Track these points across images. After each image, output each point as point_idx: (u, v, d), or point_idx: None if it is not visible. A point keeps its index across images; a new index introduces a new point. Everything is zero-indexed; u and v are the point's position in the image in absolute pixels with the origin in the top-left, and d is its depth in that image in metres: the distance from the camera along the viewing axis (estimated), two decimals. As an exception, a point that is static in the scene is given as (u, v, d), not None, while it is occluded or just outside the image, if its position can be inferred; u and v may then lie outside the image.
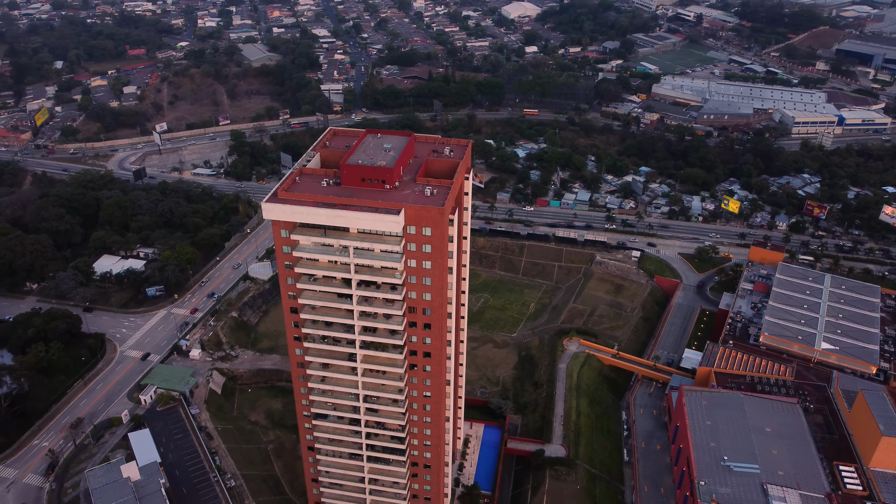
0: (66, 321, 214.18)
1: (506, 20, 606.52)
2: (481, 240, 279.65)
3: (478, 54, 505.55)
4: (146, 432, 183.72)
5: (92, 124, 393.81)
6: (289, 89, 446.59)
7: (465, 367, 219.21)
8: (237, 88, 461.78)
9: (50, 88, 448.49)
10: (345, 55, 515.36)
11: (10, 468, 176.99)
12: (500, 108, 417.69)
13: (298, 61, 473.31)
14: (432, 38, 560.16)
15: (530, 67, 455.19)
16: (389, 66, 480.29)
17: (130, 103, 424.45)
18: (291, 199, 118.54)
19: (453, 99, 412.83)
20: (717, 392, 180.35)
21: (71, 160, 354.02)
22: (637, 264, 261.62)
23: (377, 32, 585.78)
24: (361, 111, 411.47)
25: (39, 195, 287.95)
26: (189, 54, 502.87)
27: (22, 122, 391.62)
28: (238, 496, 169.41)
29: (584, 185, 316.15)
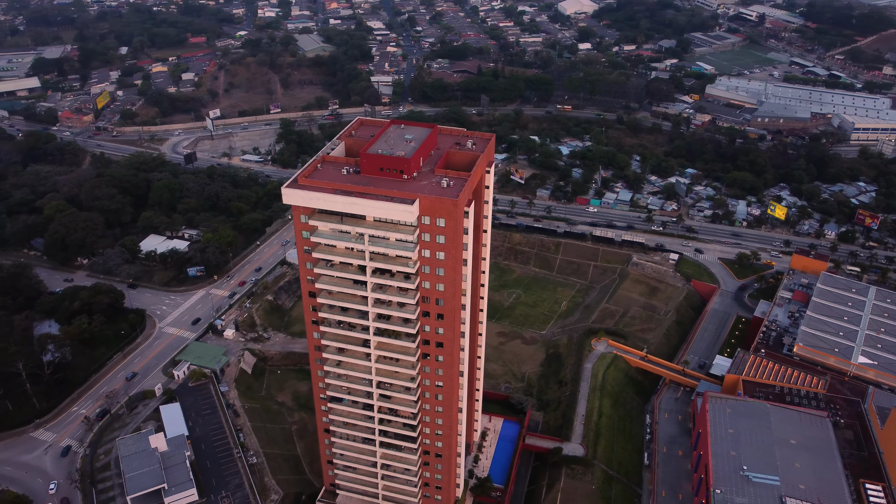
0: (109, 296, 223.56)
1: (561, 16, 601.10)
2: (517, 236, 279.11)
3: (530, 50, 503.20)
4: (176, 406, 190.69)
5: (150, 109, 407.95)
6: (340, 80, 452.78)
7: (492, 361, 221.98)
8: (290, 78, 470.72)
9: (114, 73, 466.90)
10: (397, 48, 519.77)
11: (49, 432, 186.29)
12: (549, 104, 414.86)
13: (351, 52, 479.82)
14: (486, 32, 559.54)
15: (581, 65, 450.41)
16: (440, 59, 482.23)
17: (187, 89, 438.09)
18: (310, 185, 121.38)
19: (501, 94, 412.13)
20: (742, 400, 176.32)
21: (128, 142, 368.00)
22: (674, 267, 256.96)
23: (431, 26, 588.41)
24: (409, 103, 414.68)
25: (95, 175, 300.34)
26: (246, 43, 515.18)
27: (85, 104, 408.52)
28: (258, 472, 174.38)
29: (626, 184, 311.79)
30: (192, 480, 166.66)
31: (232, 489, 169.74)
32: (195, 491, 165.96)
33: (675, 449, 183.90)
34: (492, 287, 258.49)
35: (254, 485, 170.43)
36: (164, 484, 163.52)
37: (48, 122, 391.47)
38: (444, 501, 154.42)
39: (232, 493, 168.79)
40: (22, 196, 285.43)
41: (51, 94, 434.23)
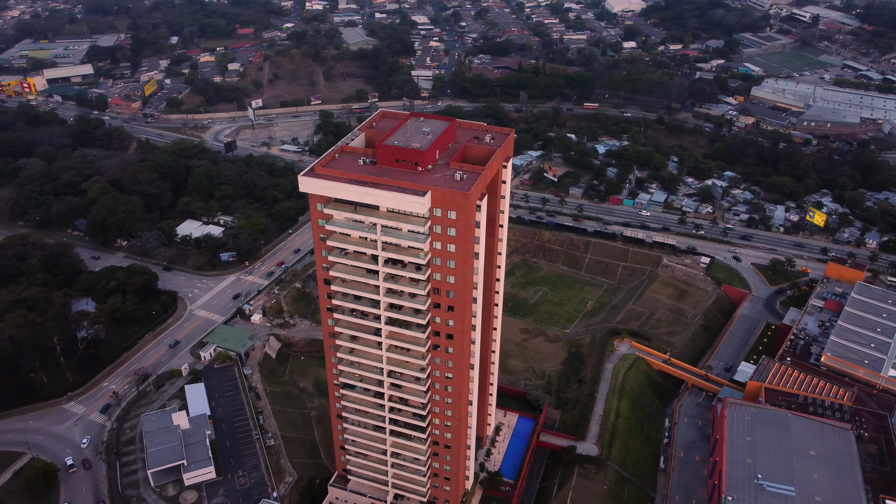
0: (144, 277, 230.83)
1: (608, 14, 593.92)
2: (547, 233, 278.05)
3: (573, 47, 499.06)
4: (201, 386, 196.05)
5: (195, 97, 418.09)
6: (382, 73, 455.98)
7: (513, 358, 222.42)
8: (333, 70, 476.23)
9: (163, 62, 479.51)
10: (440, 42, 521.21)
11: (80, 405, 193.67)
12: (588, 102, 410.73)
13: (393, 46, 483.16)
14: (530, 29, 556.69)
15: (624, 63, 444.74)
16: (482, 55, 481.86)
17: (233, 79, 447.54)
18: (326, 174, 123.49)
19: (541, 91, 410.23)
20: (762, 408, 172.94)
21: (172, 129, 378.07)
22: (705, 271, 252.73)
23: (476, 21, 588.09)
24: (448, 98, 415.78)
25: (138, 160, 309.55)
26: (292, 35, 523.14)
27: (134, 91, 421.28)
28: (275, 454, 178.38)
29: (661, 185, 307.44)
30: (210, 458, 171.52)
31: (249, 469, 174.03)
32: (213, 468, 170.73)
33: (693, 454, 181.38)
34: (518, 284, 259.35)
35: (270, 466, 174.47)
36: (184, 460, 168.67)
37: (98, 108, 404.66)
38: (452, 493, 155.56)
39: (248, 472, 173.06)
40: (69, 178, 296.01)
41: (103, 81, 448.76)
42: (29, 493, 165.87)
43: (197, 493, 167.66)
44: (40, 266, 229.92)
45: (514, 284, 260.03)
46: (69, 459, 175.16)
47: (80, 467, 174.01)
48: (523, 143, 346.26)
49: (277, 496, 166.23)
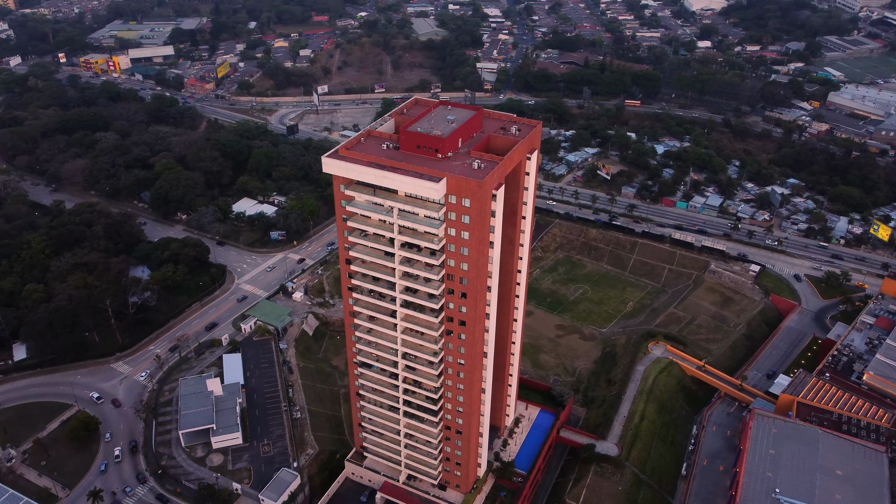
0: (196, 249, 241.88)
1: (686, 12, 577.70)
2: (594, 231, 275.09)
3: (645, 45, 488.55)
4: (238, 357, 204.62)
5: (266, 81, 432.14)
6: (449, 65, 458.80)
7: (546, 353, 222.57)
8: (401, 60, 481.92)
9: (239, 46, 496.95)
10: (509, 36, 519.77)
11: (126, 365, 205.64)
12: (654, 101, 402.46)
13: (461, 38, 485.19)
14: (603, 25, 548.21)
15: (696, 63, 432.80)
16: (550, 49, 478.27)
17: (303, 65, 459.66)
18: (349, 156, 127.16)
19: (606, 88, 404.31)
20: (791, 422, 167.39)
21: (241, 111, 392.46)
22: (754, 279, 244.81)
23: (548, 16, 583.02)
24: (510, 92, 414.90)
25: (205, 138, 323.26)
26: (364, 24, 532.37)
27: (209, 73, 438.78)
28: (300, 427, 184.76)
29: (718, 189, 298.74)
30: (238, 425, 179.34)
31: (274, 438, 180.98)
32: (240, 435, 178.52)
33: (717, 464, 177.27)
34: (559, 280, 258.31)
35: (294, 437, 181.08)
36: (214, 424, 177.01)
37: (175, 88, 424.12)
38: (463, 478, 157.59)
39: (273, 441, 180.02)
40: (140, 153, 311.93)
41: (182, 62, 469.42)
42: (72, 441, 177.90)
43: (223, 456, 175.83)
44: (103, 233, 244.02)
45: (555, 280, 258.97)
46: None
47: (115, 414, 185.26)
48: (580, 140, 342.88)
49: (297, 466, 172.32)
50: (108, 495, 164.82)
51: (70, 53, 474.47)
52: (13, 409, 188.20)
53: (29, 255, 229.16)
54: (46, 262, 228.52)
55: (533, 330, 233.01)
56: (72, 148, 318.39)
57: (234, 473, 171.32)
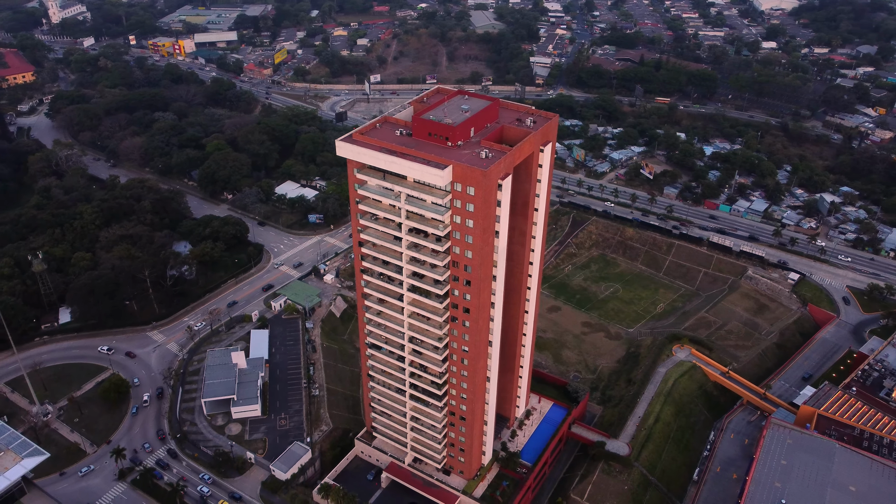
0: (235, 228, 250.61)
1: (754, 11, 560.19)
2: (630, 230, 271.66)
3: (707, 44, 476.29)
4: (265, 333, 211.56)
5: (322, 68, 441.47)
6: (504, 58, 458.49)
7: (569, 349, 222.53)
8: (457, 52, 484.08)
9: (300, 33, 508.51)
10: (567, 31, 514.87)
11: (161, 334, 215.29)
12: (710, 102, 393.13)
13: (518, 32, 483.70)
14: (665, 22, 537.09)
15: (757, 64, 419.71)
16: (607, 46, 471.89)
17: (359, 54, 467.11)
18: (362, 141, 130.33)
19: (659, 86, 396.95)
20: (807, 434, 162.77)
21: (294, 97, 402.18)
22: (792, 287, 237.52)
23: (610, 12, 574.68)
24: (562, 88, 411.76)
25: (256, 122, 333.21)
26: (422, 15, 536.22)
27: (267, 59, 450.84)
28: (317, 404, 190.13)
29: (765, 194, 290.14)
30: (258, 398, 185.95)
31: (291, 413, 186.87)
32: (259, 407, 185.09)
33: (731, 471, 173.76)
34: (591, 278, 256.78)
35: (310, 413, 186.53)
36: (234, 395, 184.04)
37: (234, 72, 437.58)
38: (466, 464, 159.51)
39: (290, 416, 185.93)
40: (193, 133, 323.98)
41: (243, 48, 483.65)
42: (104, 401, 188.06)
43: (241, 426, 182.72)
44: (151, 208, 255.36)
45: (586, 278, 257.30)
46: (136, 380, 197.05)
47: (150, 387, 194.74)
48: (627, 138, 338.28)
49: (310, 441, 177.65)
50: (130, 453, 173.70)
51: (140, 36, 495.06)
52: (54, 368, 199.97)
53: (80, 226, 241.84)
54: (96, 232, 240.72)
55: (558, 325, 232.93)
56: (131, 126, 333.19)
57: (250, 443, 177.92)
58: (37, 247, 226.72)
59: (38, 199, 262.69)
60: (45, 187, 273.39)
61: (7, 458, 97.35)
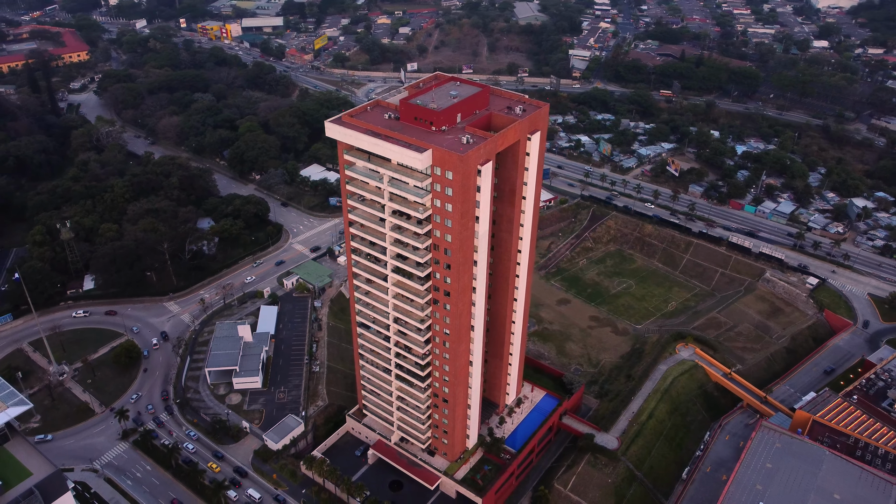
0: (256, 207, 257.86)
1: (810, 9, 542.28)
2: (649, 227, 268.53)
3: (755, 41, 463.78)
4: (274, 309, 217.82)
5: (361, 55, 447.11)
6: (544, 50, 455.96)
7: (574, 342, 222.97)
8: (498, 43, 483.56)
9: (344, 20, 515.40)
10: (611, 24, 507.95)
11: (177, 305, 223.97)
12: (750, 100, 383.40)
13: (559, 24, 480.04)
14: (714, 18, 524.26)
15: (804, 63, 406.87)
16: (650, 40, 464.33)
17: (400, 42, 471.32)
18: (349, 123, 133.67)
19: (699, 83, 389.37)
20: (797, 438, 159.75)
21: (331, 82, 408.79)
22: (809, 292, 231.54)
23: (659, 6, 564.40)
24: (599, 81, 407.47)
25: (288, 105, 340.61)
26: (466, 5, 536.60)
27: (308, 44, 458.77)
28: (315, 379, 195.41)
29: (793, 196, 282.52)
30: (259, 370, 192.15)
31: (290, 387, 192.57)
32: (259, 380, 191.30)
33: (721, 472, 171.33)
34: (605, 273, 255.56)
35: (308, 388, 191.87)
36: (237, 367, 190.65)
37: (277, 57, 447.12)
38: (450, 446, 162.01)
39: (289, 390, 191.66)
40: (228, 114, 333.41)
41: (288, 33, 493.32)
42: (116, 366, 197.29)
43: (241, 397, 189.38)
44: (178, 184, 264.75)
45: (600, 272, 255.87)
46: (155, 340, 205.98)
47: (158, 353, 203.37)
48: (658, 134, 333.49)
49: (304, 415, 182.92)
50: (133, 414, 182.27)
51: (190, 19, 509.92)
52: (74, 331, 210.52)
53: (111, 198, 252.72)
54: (125, 205, 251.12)
55: (566, 318, 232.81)
56: (171, 106, 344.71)
57: (248, 413, 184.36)
58: (68, 216, 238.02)
59: (75, 172, 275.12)
60: (83, 161, 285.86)
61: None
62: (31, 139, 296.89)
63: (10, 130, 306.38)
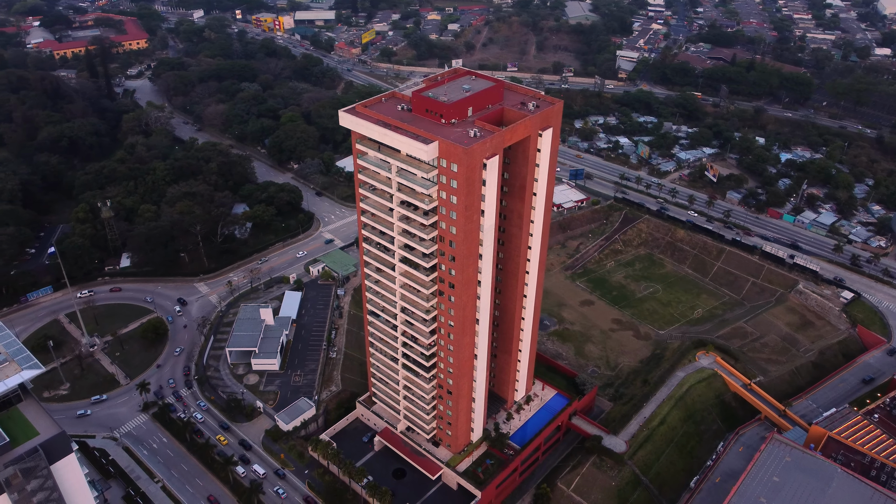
0: (290, 195, 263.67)
1: (876, 14, 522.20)
2: (681, 232, 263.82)
3: (813, 47, 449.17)
4: (298, 295, 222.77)
5: (408, 50, 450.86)
6: (593, 50, 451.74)
7: (594, 343, 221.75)
8: (547, 41, 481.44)
9: (395, 15, 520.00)
10: (663, 26, 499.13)
11: (206, 286, 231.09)
12: (802, 107, 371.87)
13: (609, 24, 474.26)
14: (773, 22, 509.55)
15: (862, 71, 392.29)
16: (701, 43, 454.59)
17: (447, 38, 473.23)
18: (362, 112, 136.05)
19: (748, 88, 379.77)
20: (808, 454, 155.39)
21: (376, 76, 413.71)
22: (843, 306, 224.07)
23: (715, 9, 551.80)
24: (645, 83, 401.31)
25: (331, 98, 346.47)
26: (517, 3, 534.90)
27: (357, 39, 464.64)
28: (331, 365, 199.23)
29: (836, 207, 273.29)
30: (277, 353, 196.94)
31: (306, 371, 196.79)
32: (277, 362, 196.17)
33: (730, 484, 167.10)
34: (632, 276, 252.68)
35: (323, 373, 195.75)
36: (256, 348, 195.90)
37: (326, 50, 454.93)
38: (453, 438, 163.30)
39: (304, 374, 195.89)
40: (273, 104, 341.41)
41: (339, 27, 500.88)
42: (142, 340, 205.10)
43: (259, 377, 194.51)
44: (217, 170, 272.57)
45: (627, 275, 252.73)
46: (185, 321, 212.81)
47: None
48: (700, 139, 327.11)
49: (317, 399, 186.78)
50: (155, 387, 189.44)
51: (246, 11, 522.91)
52: (108, 306, 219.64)
53: (152, 180, 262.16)
54: (165, 188, 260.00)
55: (588, 319, 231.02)
56: (218, 94, 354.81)
57: (263, 394, 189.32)
58: (110, 196, 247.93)
59: (122, 154, 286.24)
60: (131, 144, 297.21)
61: (10, 367, 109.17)
62: (85, 121, 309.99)
63: (66, 112, 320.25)
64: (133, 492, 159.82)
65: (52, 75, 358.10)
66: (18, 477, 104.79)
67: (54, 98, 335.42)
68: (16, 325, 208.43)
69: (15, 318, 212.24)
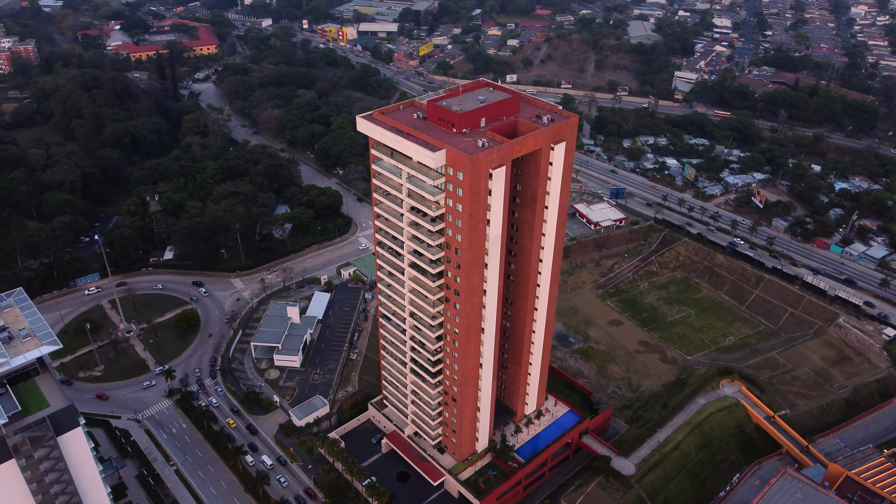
0: (330, 199, 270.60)
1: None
2: (720, 256, 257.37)
3: (886, 74, 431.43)
4: (327, 296, 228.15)
5: (465, 64, 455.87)
6: (653, 70, 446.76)
7: (617, 364, 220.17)
8: (606, 60, 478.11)
9: (456, 29, 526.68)
10: (728, 48, 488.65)
11: (242, 283, 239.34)
12: (866, 136, 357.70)
13: (670, 45, 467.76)
14: (845, 48, 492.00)
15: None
16: (765, 66, 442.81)
17: (506, 54, 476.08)
18: (378, 119, 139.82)
19: (809, 114, 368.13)
20: (822, 493, 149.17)
21: (432, 88, 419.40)
22: (885, 343, 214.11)
23: (786, 32, 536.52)
24: (701, 105, 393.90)
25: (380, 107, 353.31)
26: (579, 21, 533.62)
27: (416, 51, 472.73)
28: (351, 366, 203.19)
29: (889, 241, 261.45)
30: (300, 351, 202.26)
31: (325, 371, 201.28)
32: (298, 360, 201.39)
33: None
34: (665, 298, 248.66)
35: (342, 374, 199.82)
36: (279, 345, 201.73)
37: (384, 61, 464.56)
38: (458, 446, 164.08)
39: (323, 373, 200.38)
40: (325, 111, 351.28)
41: (400, 39, 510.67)
42: (175, 329, 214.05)
43: (280, 373, 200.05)
44: (263, 171, 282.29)
45: (661, 297, 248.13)
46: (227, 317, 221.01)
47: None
48: (752, 164, 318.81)
49: (332, 398, 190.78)
50: (181, 375, 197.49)
51: (313, 21, 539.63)
52: (147, 295, 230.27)
53: (201, 178, 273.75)
54: (212, 186, 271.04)
55: (614, 339, 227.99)
56: (275, 99, 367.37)
57: (282, 389, 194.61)
58: (160, 191, 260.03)
59: (178, 152, 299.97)
60: (188, 143, 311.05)
61: (32, 342, 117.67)
62: (147, 120, 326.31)
63: (132, 111, 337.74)
64: (147, 472, 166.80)
65: (123, 75, 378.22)
66: (26, 444, 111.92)
67: (123, 97, 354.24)
68: (62, 307, 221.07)
69: (63, 301, 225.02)
